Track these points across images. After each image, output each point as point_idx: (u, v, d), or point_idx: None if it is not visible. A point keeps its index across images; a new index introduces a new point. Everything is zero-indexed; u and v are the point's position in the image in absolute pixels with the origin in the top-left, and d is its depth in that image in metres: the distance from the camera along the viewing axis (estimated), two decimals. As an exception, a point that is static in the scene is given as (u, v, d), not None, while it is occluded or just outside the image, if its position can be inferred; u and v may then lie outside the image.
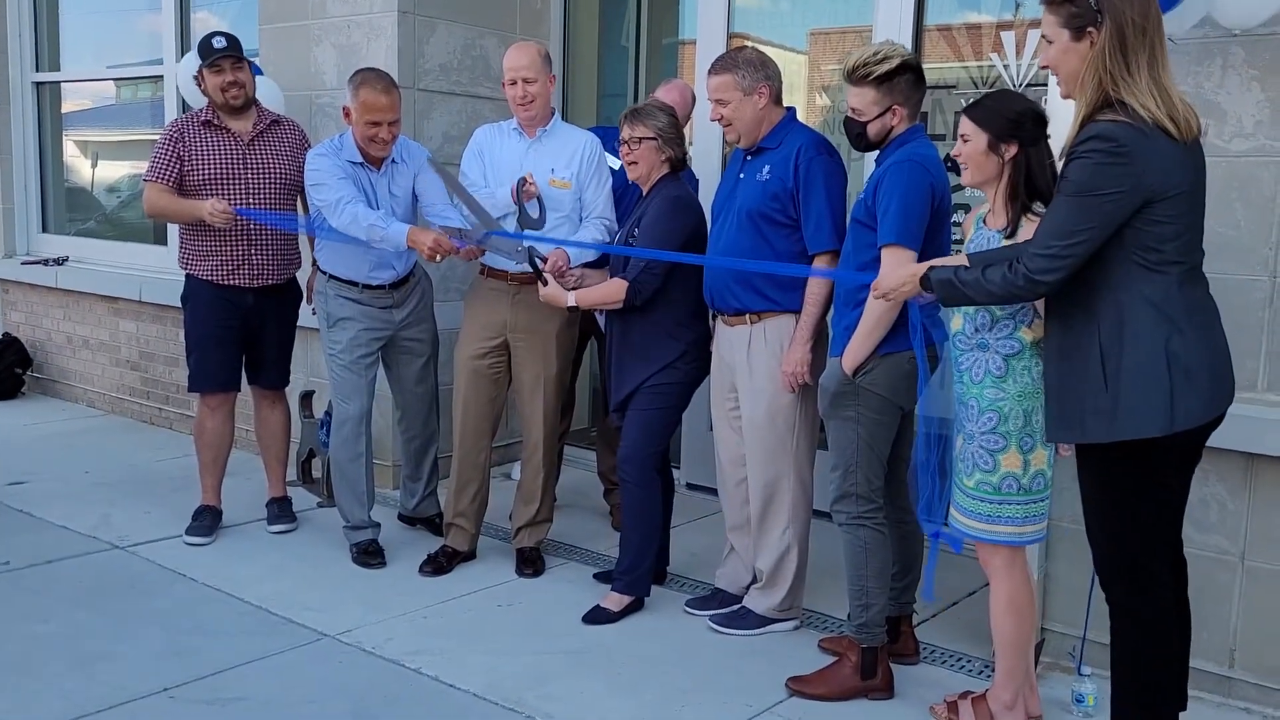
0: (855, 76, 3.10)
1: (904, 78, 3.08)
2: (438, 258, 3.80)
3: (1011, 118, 2.76)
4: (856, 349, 3.06)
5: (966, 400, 2.85)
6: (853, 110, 3.14)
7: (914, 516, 3.34)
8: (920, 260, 3.00)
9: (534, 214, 3.80)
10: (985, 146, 2.77)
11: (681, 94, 4.34)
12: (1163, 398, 2.37)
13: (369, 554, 4.10)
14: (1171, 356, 2.38)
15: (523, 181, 3.77)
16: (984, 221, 2.89)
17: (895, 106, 3.09)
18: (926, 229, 3.02)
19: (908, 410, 3.19)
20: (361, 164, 3.96)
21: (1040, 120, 2.78)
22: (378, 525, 4.20)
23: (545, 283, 3.66)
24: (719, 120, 3.44)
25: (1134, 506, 2.48)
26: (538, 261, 3.71)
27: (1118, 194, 2.33)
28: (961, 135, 2.82)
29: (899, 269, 2.82)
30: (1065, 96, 2.52)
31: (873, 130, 3.13)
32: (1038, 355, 2.78)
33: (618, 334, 3.68)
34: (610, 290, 3.58)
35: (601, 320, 3.90)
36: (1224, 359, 2.48)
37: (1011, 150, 2.76)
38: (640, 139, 3.58)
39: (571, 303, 3.64)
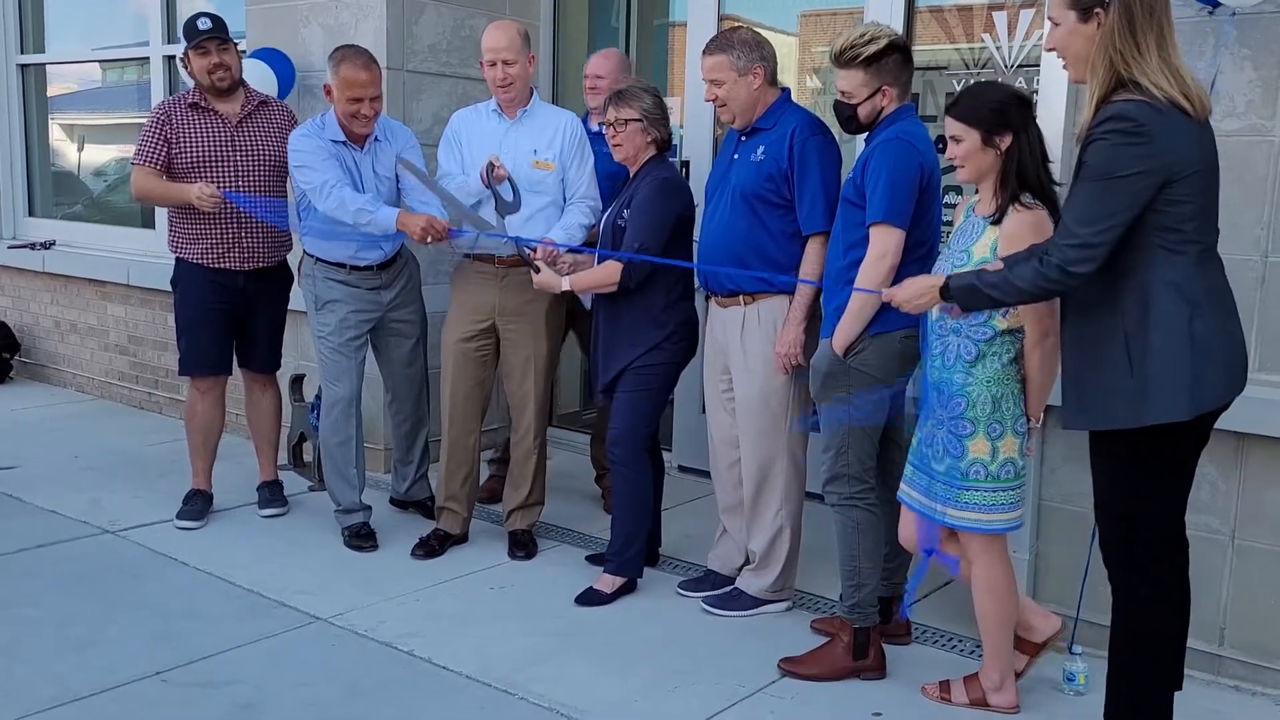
0: (843, 59, 3.08)
1: (892, 58, 3.07)
2: (429, 240, 3.78)
3: (996, 109, 2.73)
4: (846, 329, 3.05)
5: (938, 384, 2.86)
6: (842, 93, 3.12)
7: None
8: (909, 239, 3.00)
9: (508, 197, 3.76)
10: (979, 143, 2.75)
11: (620, 62, 4.38)
12: (1187, 381, 2.36)
13: (361, 537, 4.09)
14: (1194, 338, 2.36)
15: (490, 166, 3.73)
16: (974, 209, 2.88)
17: (885, 87, 3.08)
18: (915, 206, 3.01)
19: (903, 384, 3.18)
20: (344, 143, 3.94)
21: (1024, 103, 2.76)
22: (369, 508, 4.19)
23: (538, 270, 3.64)
24: (713, 101, 3.43)
25: (1150, 490, 2.47)
26: (527, 251, 3.69)
27: (1140, 174, 2.30)
28: (951, 137, 2.79)
29: (916, 281, 2.76)
30: (1076, 80, 2.50)
31: (863, 112, 3.12)
32: (1010, 343, 2.78)
33: (605, 316, 3.67)
34: (605, 274, 3.56)
35: (587, 301, 3.88)
36: (1241, 340, 2.47)
37: (1005, 141, 2.73)
38: (625, 120, 3.56)
39: (566, 287, 3.63)
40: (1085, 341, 2.47)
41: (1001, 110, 2.73)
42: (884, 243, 2.98)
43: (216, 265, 4.17)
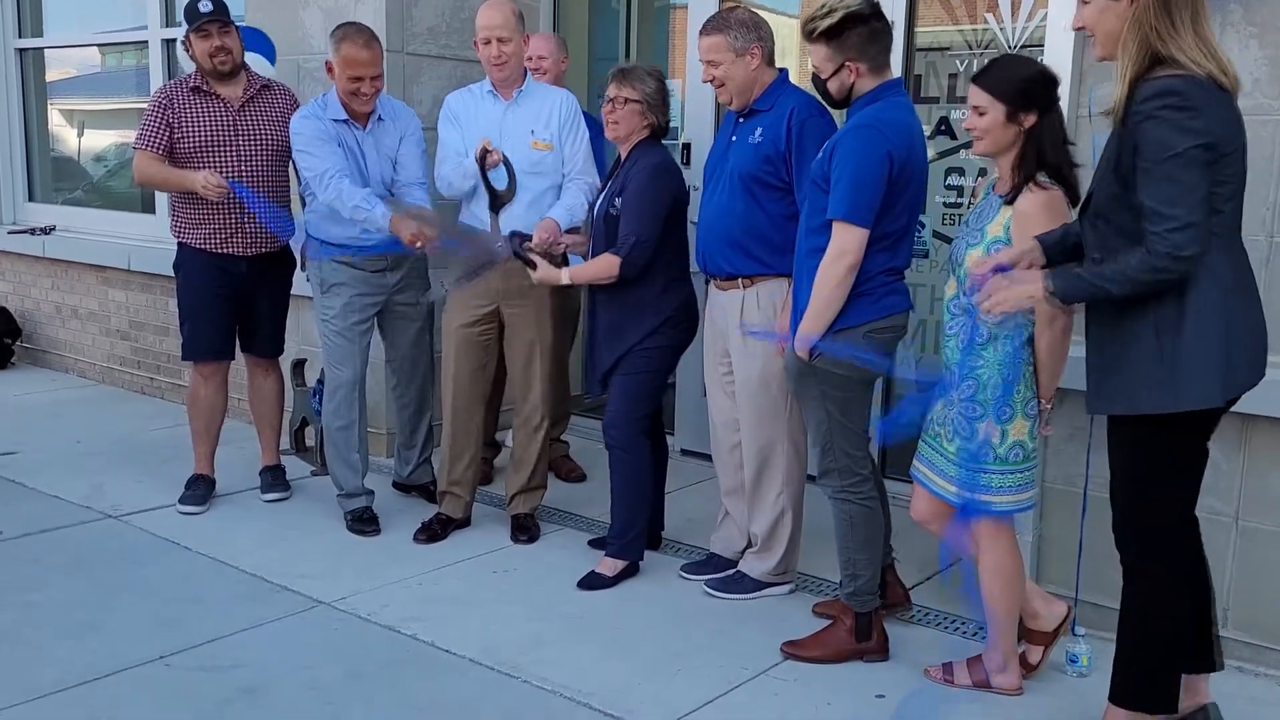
0: (804, 32, 3.01)
1: (855, 31, 2.95)
2: (419, 244, 3.77)
3: (1025, 86, 2.67)
4: (807, 329, 3.00)
5: (951, 366, 2.84)
6: (814, 67, 3.05)
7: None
8: (875, 230, 2.92)
9: (500, 185, 3.70)
10: (1003, 118, 2.68)
11: (559, 45, 4.49)
12: (1219, 367, 2.33)
13: (363, 521, 4.09)
14: (1228, 323, 2.34)
15: (485, 152, 3.68)
16: (994, 188, 2.85)
17: (848, 63, 2.97)
18: (884, 197, 2.92)
19: (875, 378, 3.15)
20: (346, 121, 3.93)
21: (1052, 83, 2.71)
22: (371, 493, 4.19)
23: (535, 266, 3.62)
24: (710, 81, 3.39)
25: (1169, 473, 2.46)
26: (524, 253, 3.64)
27: (1200, 147, 2.24)
28: (974, 107, 2.72)
29: (1017, 286, 2.54)
30: (1102, 58, 2.44)
31: (832, 88, 3.03)
32: (1022, 325, 2.75)
33: (603, 302, 3.65)
34: (604, 266, 3.54)
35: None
36: (1263, 324, 2.44)
37: (1030, 119, 2.68)
38: (626, 99, 3.54)
39: (566, 280, 3.61)
40: (1112, 324, 2.43)
41: (1031, 88, 2.67)
42: (844, 241, 2.91)
43: (219, 250, 4.16)
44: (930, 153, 4.02)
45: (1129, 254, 2.34)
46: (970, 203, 3.06)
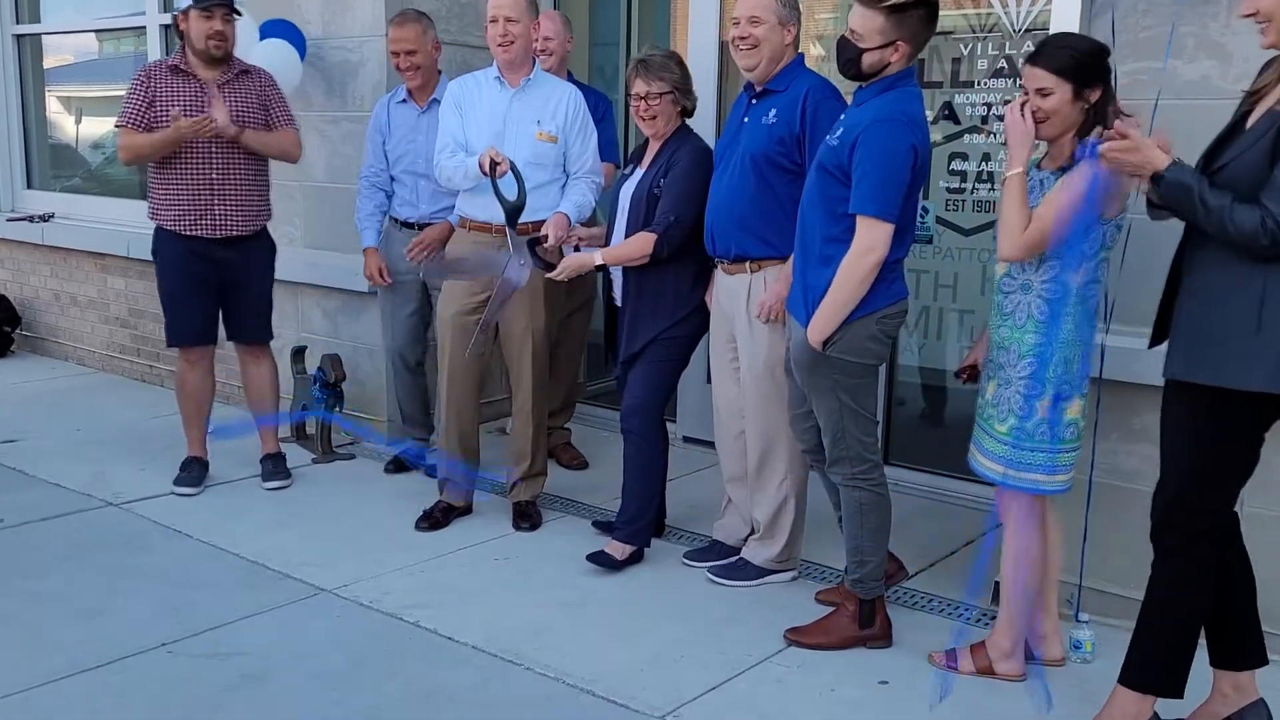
0: None
1: (918, 13, 2.89)
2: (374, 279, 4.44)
3: (1091, 60, 2.62)
4: (824, 321, 2.96)
5: (1008, 344, 2.81)
6: (852, 32, 2.94)
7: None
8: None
9: (510, 195, 3.60)
10: (1070, 96, 2.63)
11: (565, 24, 4.54)
12: None
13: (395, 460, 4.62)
14: None
15: (494, 164, 3.58)
16: (1037, 165, 2.81)
17: (899, 42, 2.91)
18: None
19: (883, 362, 3.14)
20: (406, 100, 4.36)
21: (1107, 53, 2.67)
22: (410, 439, 4.63)
23: (553, 266, 3.60)
24: (745, 39, 3.29)
25: (1234, 456, 2.45)
26: (543, 257, 3.61)
27: None
28: (1038, 90, 2.65)
29: (1147, 147, 2.39)
30: (1272, 45, 2.38)
31: (868, 60, 2.94)
32: (1080, 302, 2.72)
33: (634, 289, 3.64)
34: (639, 244, 3.52)
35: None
36: None
37: (1095, 95, 2.62)
38: (660, 94, 3.51)
39: (600, 260, 3.59)
40: (1211, 291, 2.39)
41: (1093, 61, 2.62)
42: (872, 237, 2.88)
43: (189, 233, 4.16)
44: (934, 137, 4.00)
45: (1246, 209, 2.28)
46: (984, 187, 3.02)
